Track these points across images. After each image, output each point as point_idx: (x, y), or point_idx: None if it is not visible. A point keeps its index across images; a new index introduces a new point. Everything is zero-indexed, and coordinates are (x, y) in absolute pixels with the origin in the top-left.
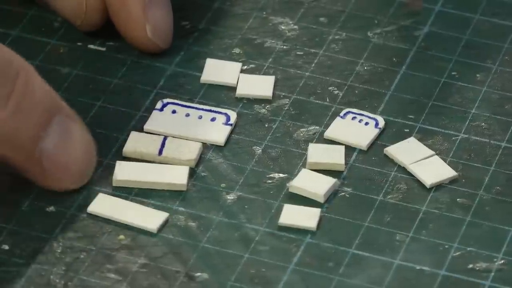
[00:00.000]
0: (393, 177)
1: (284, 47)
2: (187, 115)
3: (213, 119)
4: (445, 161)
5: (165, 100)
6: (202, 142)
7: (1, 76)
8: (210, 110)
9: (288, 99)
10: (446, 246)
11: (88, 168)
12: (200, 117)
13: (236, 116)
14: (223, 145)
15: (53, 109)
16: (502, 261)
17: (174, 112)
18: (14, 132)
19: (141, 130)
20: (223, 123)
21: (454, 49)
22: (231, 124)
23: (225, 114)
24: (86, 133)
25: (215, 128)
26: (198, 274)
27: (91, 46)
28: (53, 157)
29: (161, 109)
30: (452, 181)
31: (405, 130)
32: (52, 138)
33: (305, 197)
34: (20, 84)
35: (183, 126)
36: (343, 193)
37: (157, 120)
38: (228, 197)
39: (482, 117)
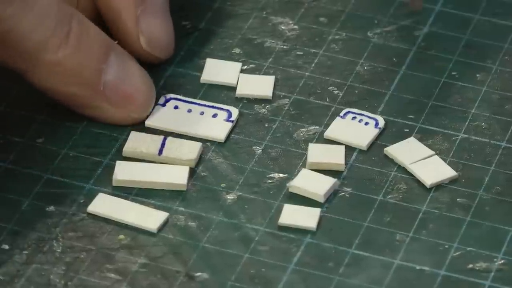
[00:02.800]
0: (393, 177)
1: (284, 47)
2: (189, 110)
3: (214, 115)
4: (445, 161)
5: (168, 96)
6: (202, 141)
7: (60, 17)
8: (212, 106)
9: (288, 99)
10: (446, 246)
11: (150, 98)
12: (202, 113)
13: (238, 112)
14: (223, 141)
15: (109, 45)
16: (502, 261)
17: (176, 107)
18: (78, 67)
19: (141, 130)
20: (224, 120)
21: (454, 49)
22: (232, 121)
23: (227, 110)
24: (141, 66)
25: (216, 124)
26: (198, 274)
27: None
28: (116, 88)
29: (164, 104)
30: (452, 181)
31: (405, 130)
32: (113, 70)
33: (305, 197)
34: (75, 23)
35: (184, 121)
36: (343, 193)
37: (159, 116)
38: (228, 197)
39: (482, 117)
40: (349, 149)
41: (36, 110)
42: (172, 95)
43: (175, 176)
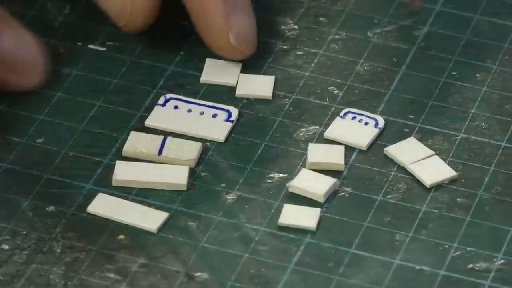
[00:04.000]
0: (393, 177)
1: (284, 47)
2: (189, 110)
3: (214, 116)
4: (445, 161)
5: (168, 95)
6: (202, 141)
7: None
8: (212, 106)
9: (288, 99)
10: (446, 246)
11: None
12: (202, 113)
13: (237, 112)
14: (223, 141)
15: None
16: (502, 261)
17: (176, 107)
18: None
19: (141, 130)
20: (224, 120)
21: (454, 49)
22: (232, 121)
23: (227, 110)
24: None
25: (216, 124)
26: (198, 274)
27: (91, 46)
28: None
29: (164, 104)
30: (452, 181)
31: (405, 130)
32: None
33: (305, 197)
34: None
35: (184, 122)
36: (343, 193)
37: (159, 116)
38: (228, 197)
39: (482, 117)
40: (349, 149)
41: (36, 110)
42: (172, 95)
43: (175, 176)
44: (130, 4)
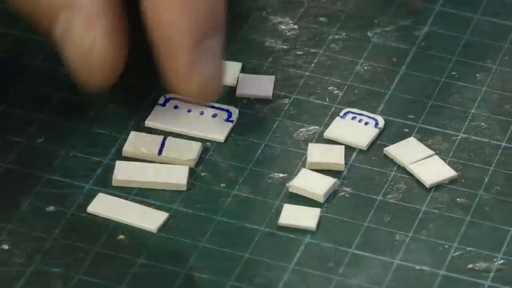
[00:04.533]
0: (393, 177)
1: (284, 47)
2: (189, 110)
3: (214, 116)
4: (445, 161)
5: (168, 95)
6: (202, 141)
7: None
8: (212, 106)
9: (288, 99)
10: (446, 246)
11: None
12: (202, 113)
13: (237, 112)
14: (223, 141)
15: None
16: (502, 261)
17: (176, 107)
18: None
19: (141, 129)
20: (224, 120)
21: (454, 49)
22: (232, 121)
23: (227, 110)
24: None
25: (216, 124)
26: (198, 274)
27: None
28: None
29: (163, 104)
30: (452, 181)
31: (405, 130)
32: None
33: (305, 197)
34: None
35: (184, 121)
36: (343, 193)
37: (158, 115)
38: (228, 197)
39: (482, 117)
40: (349, 149)
41: (36, 110)
42: (172, 95)
43: (175, 176)
44: (88, 60)
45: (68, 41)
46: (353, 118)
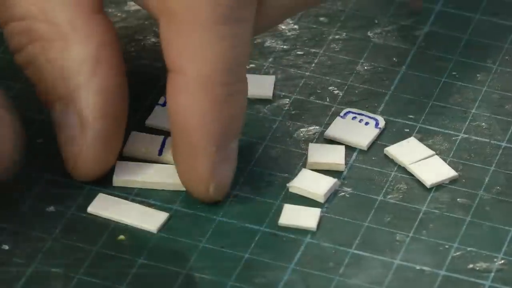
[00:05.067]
0: (393, 177)
1: (284, 47)
2: None
3: None
4: (445, 161)
5: None
6: None
7: None
8: None
9: (288, 99)
10: (446, 246)
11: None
12: None
13: None
14: None
15: None
16: (502, 261)
17: None
18: None
19: (141, 129)
20: None
21: (454, 49)
22: None
23: None
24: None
25: None
26: (198, 274)
27: None
28: None
29: (164, 104)
30: (452, 181)
31: (405, 130)
32: None
33: (305, 197)
34: None
35: None
36: (343, 193)
37: (159, 116)
38: (228, 197)
39: (482, 117)
40: (349, 149)
41: (36, 110)
42: None
43: (175, 176)
44: (76, 161)
45: (60, 132)
46: (354, 118)
